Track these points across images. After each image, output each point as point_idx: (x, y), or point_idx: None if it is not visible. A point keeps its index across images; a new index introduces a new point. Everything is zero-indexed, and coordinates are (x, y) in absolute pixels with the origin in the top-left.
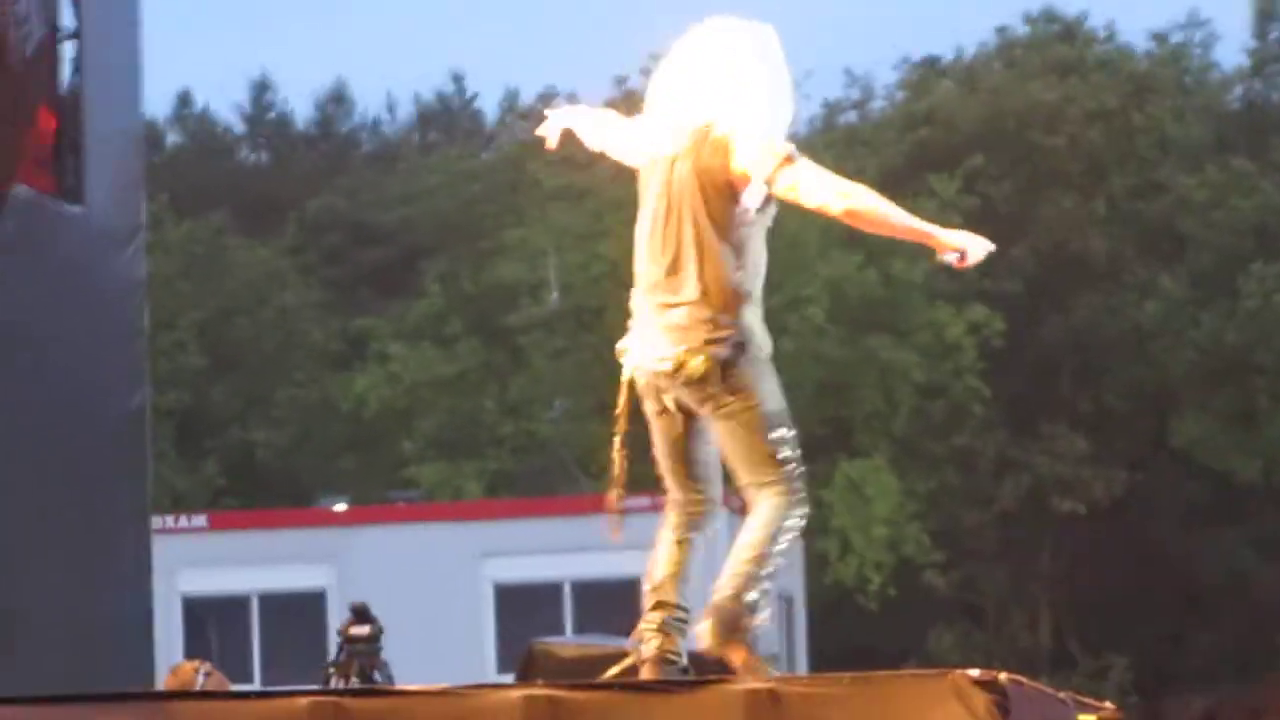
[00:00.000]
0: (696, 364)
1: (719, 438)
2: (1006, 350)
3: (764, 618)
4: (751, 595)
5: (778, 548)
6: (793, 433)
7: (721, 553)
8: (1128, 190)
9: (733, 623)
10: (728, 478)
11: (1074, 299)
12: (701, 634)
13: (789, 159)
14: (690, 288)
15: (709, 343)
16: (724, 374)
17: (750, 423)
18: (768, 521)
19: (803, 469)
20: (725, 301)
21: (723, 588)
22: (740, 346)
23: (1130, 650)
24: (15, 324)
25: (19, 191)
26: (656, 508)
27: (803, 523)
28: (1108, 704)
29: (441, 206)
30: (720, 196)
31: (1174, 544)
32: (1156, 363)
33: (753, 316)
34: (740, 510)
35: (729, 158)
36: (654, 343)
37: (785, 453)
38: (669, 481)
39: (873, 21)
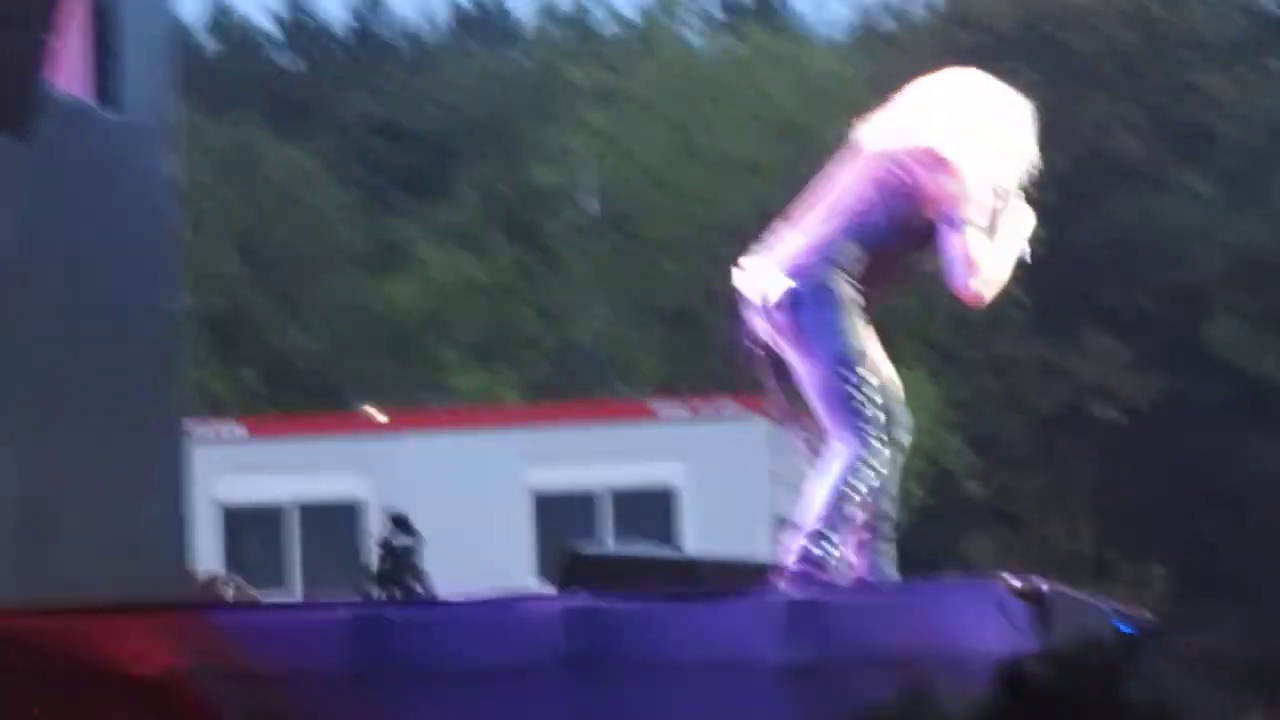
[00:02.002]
0: (774, 292)
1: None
2: (1043, 255)
3: (838, 555)
4: (816, 553)
5: (851, 495)
6: (874, 378)
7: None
8: (1162, 91)
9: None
10: None
11: (1109, 202)
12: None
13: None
14: (803, 233)
15: (790, 275)
16: (796, 309)
17: (827, 358)
18: (837, 472)
19: (877, 413)
20: (823, 256)
21: (798, 544)
22: (816, 290)
23: (1170, 559)
24: (50, 228)
25: (53, 95)
26: (695, 415)
27: (880, 469)
28: (1146, 614)
29: (476, 110)
30: (888, 201)
31: (1211, 449)
32: (1192, 265)
33: (847, 287)
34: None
35: (919, 180)
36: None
37: (858, 396)
38: None
39: None
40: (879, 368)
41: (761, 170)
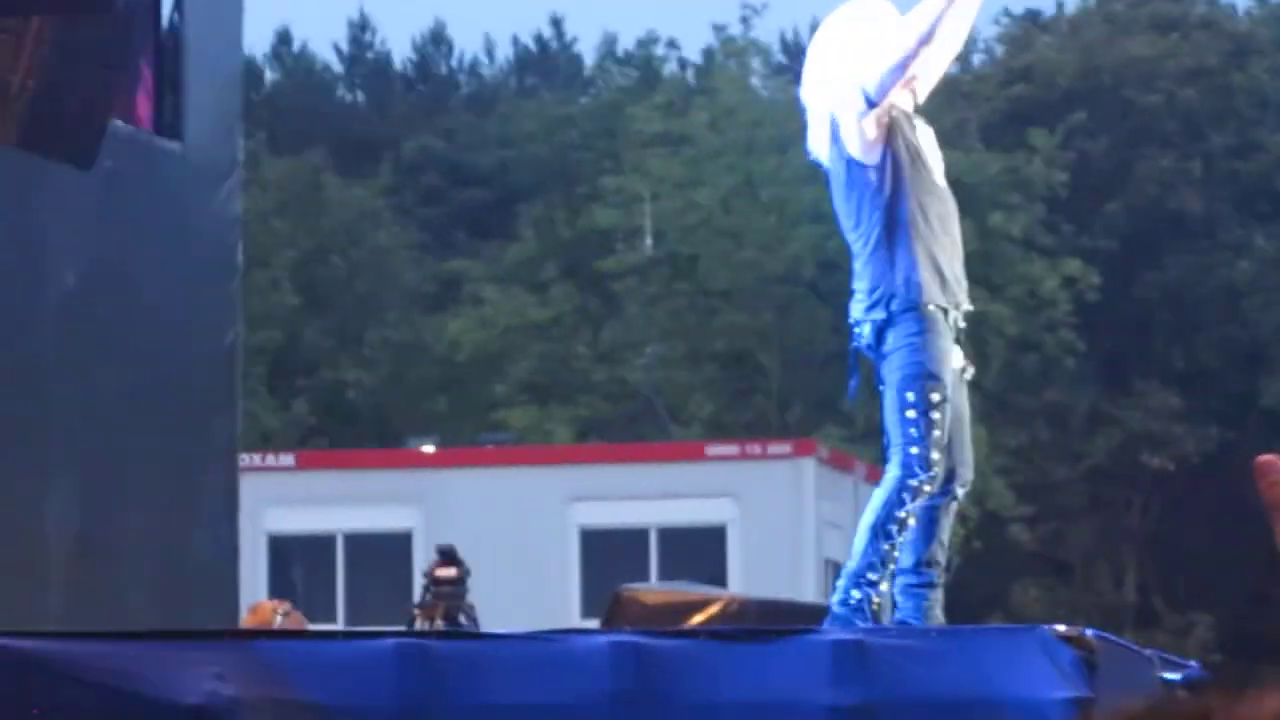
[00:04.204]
0: (865, 332)
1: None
2: (1101, 306)
3: (879, 599)
4: (856, 595)
5: (890, 530)
6: (937, 396)
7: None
8: (1225, 149)
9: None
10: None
11: (1169, 256)
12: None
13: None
14: (860, 262)
15: (868, 310)
16: (879, 340)
17: (893, 383)
18: (875, 507)
19: (936, 434)
20: (877, 267)
21: (839, 587)
22: (889, 309)
23: (1215, 609)
24: (112, 259)
25: (117, 128)
26: (745, 456)
27: (927, 491)
28: (1192, 662)
29: (538, 151)
30: (851, 171)
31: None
32: (1250, 321)
33: (910, 268)
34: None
35: (840, 131)
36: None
37: (912, 415)
38: None
39: None
40: (954, 398)
41: (823, 218)
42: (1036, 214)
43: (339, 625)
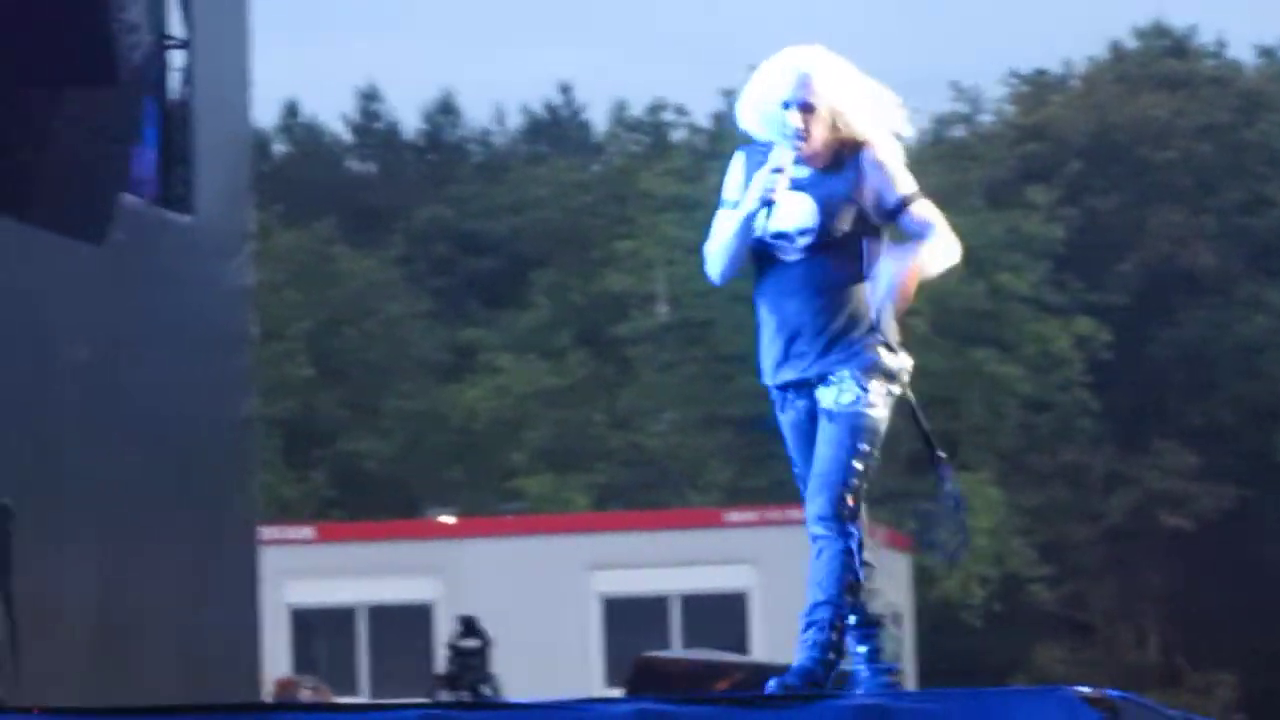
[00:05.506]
0: None
1: None
2: (1114, 364)
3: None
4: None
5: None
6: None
7: None
8: (1237, 205)
9: None
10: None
11: (1182, 313)
12: None
13: None
14: None
15: None
16: None
17: None
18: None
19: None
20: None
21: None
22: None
23: (1238, 668)
24: (125, 334)
25: (129, 201)
26: (765, 521)
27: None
28: None
29: (550, 217)
30: None
31: None
32: (1265, 377)
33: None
34: None
35: None
36: None
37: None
38: None
39: (980, 35)
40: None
41: None
42: (1045, 271)
43: (362, 698)
